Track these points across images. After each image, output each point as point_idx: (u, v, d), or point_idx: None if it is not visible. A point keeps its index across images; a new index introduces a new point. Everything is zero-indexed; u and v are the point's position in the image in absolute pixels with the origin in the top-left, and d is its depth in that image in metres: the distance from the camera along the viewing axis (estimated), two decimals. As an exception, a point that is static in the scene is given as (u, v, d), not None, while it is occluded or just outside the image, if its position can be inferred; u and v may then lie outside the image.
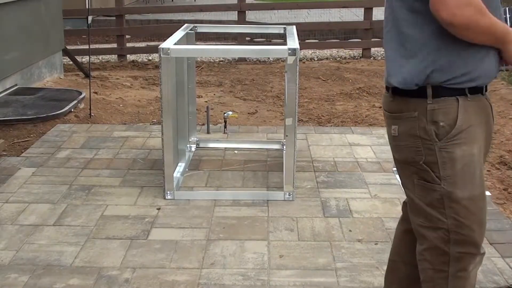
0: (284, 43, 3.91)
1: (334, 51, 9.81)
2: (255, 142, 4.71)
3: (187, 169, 4.15)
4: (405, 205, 2.29)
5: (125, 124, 5.39)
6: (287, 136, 3.60)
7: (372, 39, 9.44)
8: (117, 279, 2.79)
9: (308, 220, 3.39)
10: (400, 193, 3.76)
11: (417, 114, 1.93)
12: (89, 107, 5.58)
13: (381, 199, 3.67)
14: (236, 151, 4.53)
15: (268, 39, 10.80)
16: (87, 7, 7.06)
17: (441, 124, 1.90)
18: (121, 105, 6.12)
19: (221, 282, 2.76)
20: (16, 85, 6.12)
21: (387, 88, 2.05)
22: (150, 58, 9.24)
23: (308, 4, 10.52)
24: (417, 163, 1.96)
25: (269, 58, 8.96)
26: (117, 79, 7.57)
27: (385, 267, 2.86)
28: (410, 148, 1.97)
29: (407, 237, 2.27)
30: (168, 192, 3.65)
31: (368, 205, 3.59)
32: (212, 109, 5.72)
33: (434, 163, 1.93)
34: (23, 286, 2.73)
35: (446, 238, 1.97)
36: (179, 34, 3.95)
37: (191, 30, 4.36)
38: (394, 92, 1.99)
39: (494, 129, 5.18)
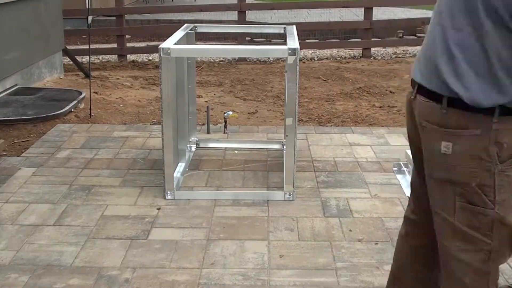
0: (284, 43, 3.91)
1: (334, 51, 9.81)
2: (255, 142, 4.71)
3: (187, 169, 4.15)
4: (411, 222, 2.19)
5: (125, 124, 5.39)
6: (287, 136, 3.60)
7: (372, 39, 9.44)
8: (117, 279, 2.79)
9: (308, 220, 3.39)
10: (400, 192, 3.76)
11: (480, 133, 1.75)
12: (89, 107, 5.58)
13: (381, 199, 3.67)
14: (236, 151, 4.53)
15: (268, 39, 10.80)
16: (87, 7, 7.06)
17: (505, 145, 1.74)
18: (121, 105, 6.12)
19: (221, 282, 2.76)
20: (16, 85, 6.12)
21: (436, 96, 1.82)
22: (150, 58, 9.25)
23: (308, 4, 10.52)
24: (469, 185, 1.80)
25: (269, 58, 8.95)
26: (117, 79, 7.57)
27: (385, 267, 2.86)
28: (464, 168, 1.79)
29: (416, 252, 2.18)
30: (168, 192, 3.65)
31: (368, 205, 3.59)
32: (212, 109, 5.72)
33: (489, 186, 1.79)
34: (23, 286, 2.73)
35: (487, 258, 1.88)
36: (179, 34, 3.95)
37: (191, 30, 4.36)
38: (452, 103, 1.78)
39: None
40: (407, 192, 3.76)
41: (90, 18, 6.42)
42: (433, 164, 1.89)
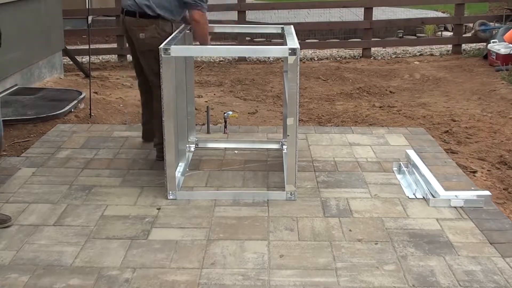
0: (284, 43, 3.91)
1: (334, 51, 9.82)
2: (255, 142, 4.71)
3: (187, 169, 4.15)
4: (142, 89, 4.46)
5: (125, 124, 5.39)
6: (288, 136, 3.60)
7: (372, 39, 9.44)
8: (117, 279, 2.79)
9: (308, 220, 3.39)
10: (400, 193, 3.76)
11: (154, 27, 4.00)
12: (89, 107, 5.58)
13: (381, 199, 3.67)
14: (236, 151, 4.53)
15: (268, 39, 10.80)
16: (87, 7, 7.06)
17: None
18: (121, 105, 6.12)
19: (221, 282, 2.76)
20: (16, 85, 6.12)
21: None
22: (150, 58, 9.23)
23: (308, 4, 10.52)
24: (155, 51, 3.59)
25: (269, 58, 8.96)
26: (117, 79, 7.58)
27: (385, 267, 2.88)
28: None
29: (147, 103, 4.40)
30: (170, 192, 3.65)
31: (368, 205, 3.59)
32: (212, 109, 5.72)
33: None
34: (23, 286, 2.73)
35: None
36: (177, 34, 3.95)
37: (188, 30, 4.36)
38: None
39: (494, 129, 5.22)
40: (407, 192, 3.76)
41: (90, 18, 6.42)
42: (138, 45, 4.08)
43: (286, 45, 3.66)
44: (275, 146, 4.61)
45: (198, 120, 5.35)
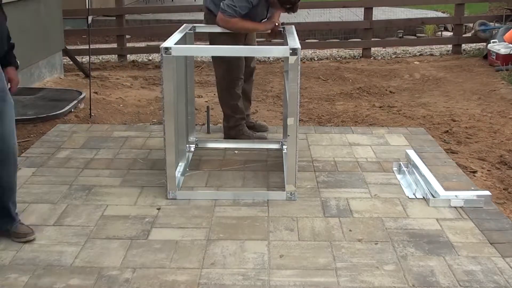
0: (285, 43, 3.91)
1: (334, 51, 9.82)
2: (255, 142, 4.70)
3: (187, 169, 4.15)
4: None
5: (125, 124, 5.39)
6: (288, 136, 3.60)
7: (372, 39, 9.44)
8: (117, 279, 2.79)
9: (308, 220, 3.39)
10: (400, 193, 3.76)
11: None
12: (89, 107, 5.58)
13: (381, 199, 3.67)
14: (236, 151, 4.53)
15: (268, 39, 10.77)
16: (87, 7, 7.06)
17: None
18: (121, 105, 6.12)
19: (221, 282, 2.76)
20: (16, 85, 6.12)
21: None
22: (150, 58, 9.25)
23: (308, 4, 10.51)
24: None
25: (269, 58, 8.95)
26: (117, 79, 7.58)
27: (385, 267, 2.88)
28: None
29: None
30: (171, 192, 3.65)
31: (368, 205, 3.58)
32: (212, 109, 5.72)
33: None
34: (23, 286, 2.73)
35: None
36: (178, 34, 3.95)
37: (190, 30, 4.36)
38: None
39: (494, 129, 5.22)
40: (407, 192, 3.76)
41: (90, 18, 6.42)
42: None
43: (287, 45, 3.65)
44: (275, 146, 4.61)
45: (198, 120, 5.35)
